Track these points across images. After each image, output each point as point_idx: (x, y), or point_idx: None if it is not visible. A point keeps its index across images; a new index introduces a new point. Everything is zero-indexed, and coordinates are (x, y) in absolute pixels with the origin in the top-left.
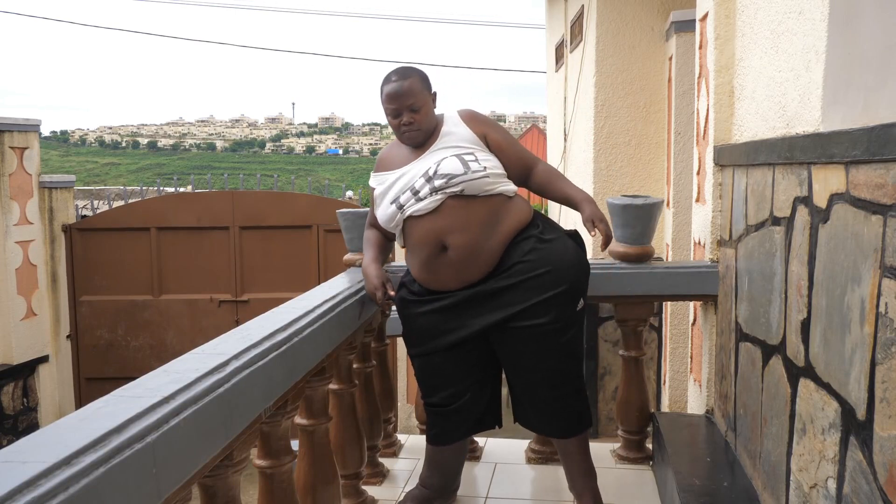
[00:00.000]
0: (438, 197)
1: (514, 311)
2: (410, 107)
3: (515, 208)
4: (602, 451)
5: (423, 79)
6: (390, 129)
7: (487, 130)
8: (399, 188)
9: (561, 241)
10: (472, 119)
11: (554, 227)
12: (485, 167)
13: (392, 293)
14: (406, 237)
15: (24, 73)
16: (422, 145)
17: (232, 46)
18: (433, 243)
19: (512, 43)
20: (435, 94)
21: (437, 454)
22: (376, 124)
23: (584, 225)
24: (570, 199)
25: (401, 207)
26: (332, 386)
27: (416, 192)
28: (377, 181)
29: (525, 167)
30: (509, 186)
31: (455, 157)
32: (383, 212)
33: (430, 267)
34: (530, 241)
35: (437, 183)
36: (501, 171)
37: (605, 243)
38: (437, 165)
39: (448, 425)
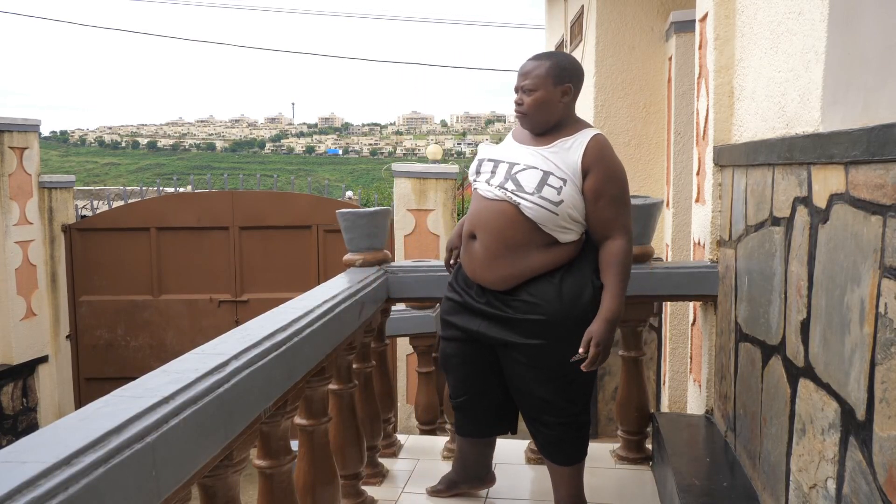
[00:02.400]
0: (499, 194)
1: (505, 339)
2: (524, 87)
3: (556, 255)
4: (602, 452)
5: (555, 68)
6: (389, 130)
7: (592, 171)
8: (491, 156)
9: (573, 294)
10: (592, 151)
11: (584, 275)
12: (561, 201)
13: (452, 262)
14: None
15: (24, 73)
16: (541, 135)
17: (231, 47)
18: (472, 226)
19: (512, 43)
20: (567, 88)
21: (460, 443)
22: (376, 124)
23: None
24: (602, 300)
25: (479, 172)
26: (332, 386)
27: (493, 174)
28: (504, 139)
29: (601, 232)
30: (567, 236)
31: (542, 173)
32: (475, 161)
33: (465, 245)
34: (545, 282)
35: (508, 184)
36: (577, 214)
37: (587, 366)
38: (523, 170)
39: (460, 419)
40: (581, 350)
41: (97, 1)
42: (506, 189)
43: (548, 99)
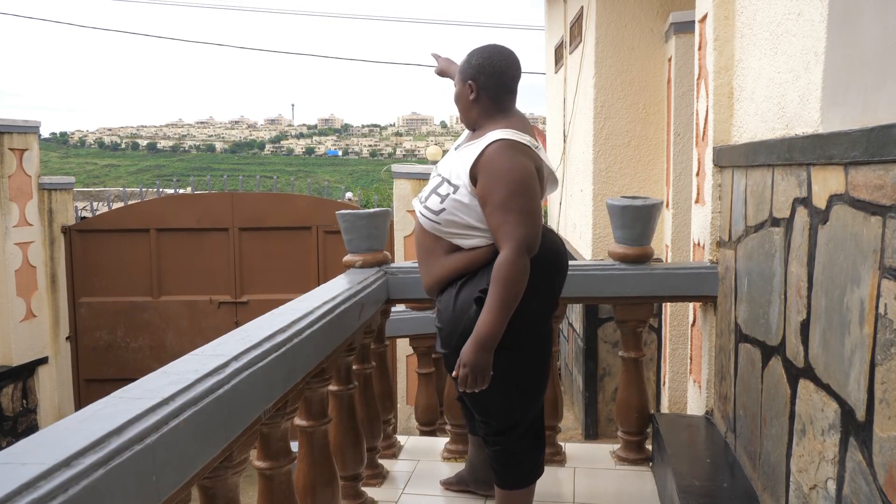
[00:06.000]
0: (417, 208)
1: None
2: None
3: (463, 260)
4: (602, 453)
5: (463, 64)
6: (389, 132)
7: (479, 177)
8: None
9: (464, 305)
10: (484, 157)
11: (476, 287)
12: (442, 209)
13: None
14: None
15: (24, 75)
16: (473, 132)
17: (231, 48)
18: None
19: (512, 44)
20: (471, 85)
21: (470, 441)
22: (375, 125)
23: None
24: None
25: None
26: (332, 387)
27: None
28: None
29: (495, 241)
30: (467, 241)
31: (439, 179)
32: None
33: None
34: (447, 295)
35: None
36: (471, 220)
37: (460, 385)
38: (433, 176)
39: (467, 416)
40: (454, 371)
41: (97, 2)
42: (418, 198)
43: (459, 94)
